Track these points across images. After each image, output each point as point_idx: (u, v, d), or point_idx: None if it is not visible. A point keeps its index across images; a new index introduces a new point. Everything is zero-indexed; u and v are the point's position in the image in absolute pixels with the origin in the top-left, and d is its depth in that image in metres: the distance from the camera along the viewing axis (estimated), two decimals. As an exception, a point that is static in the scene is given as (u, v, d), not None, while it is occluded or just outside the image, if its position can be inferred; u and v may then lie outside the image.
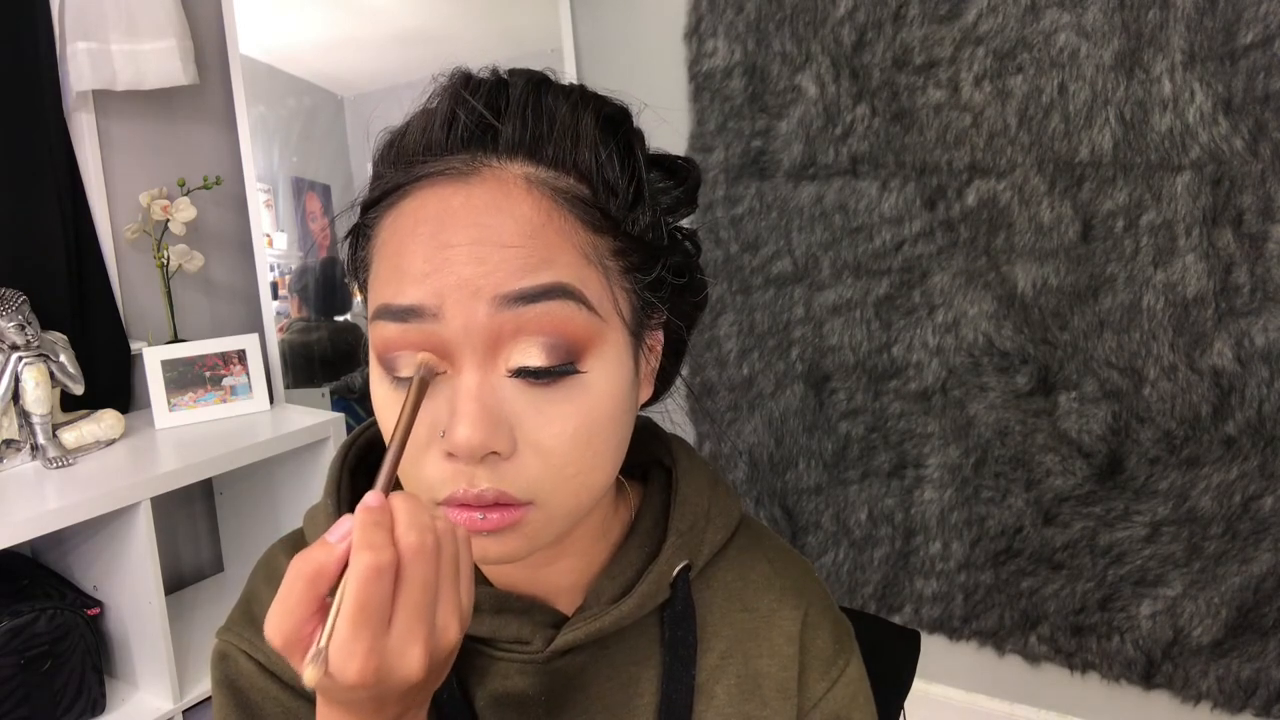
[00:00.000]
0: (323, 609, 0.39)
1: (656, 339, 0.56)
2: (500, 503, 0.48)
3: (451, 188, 0.49)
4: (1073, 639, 1.68)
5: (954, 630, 1.80)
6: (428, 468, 0.48)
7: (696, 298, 0.59)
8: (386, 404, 0.50)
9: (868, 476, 1.84)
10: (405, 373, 0.48)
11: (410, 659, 0.39)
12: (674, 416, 0.65)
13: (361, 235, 0.54)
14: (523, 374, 0.48)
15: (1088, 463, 1.62)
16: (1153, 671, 1.62)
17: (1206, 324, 1.49)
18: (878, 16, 1.66)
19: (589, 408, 0.49)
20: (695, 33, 1.87)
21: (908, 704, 0.92)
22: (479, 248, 0.47)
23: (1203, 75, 1.43)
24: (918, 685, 0.93)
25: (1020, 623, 1.73)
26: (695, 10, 1.86)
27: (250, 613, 0.59)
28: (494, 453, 0.47)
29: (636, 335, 0.53)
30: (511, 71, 0.53)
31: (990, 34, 1.57)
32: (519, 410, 0.48)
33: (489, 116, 0.50)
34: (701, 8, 1.85)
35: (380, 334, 0.49)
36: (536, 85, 0.52)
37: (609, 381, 0.50)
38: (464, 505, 0.48)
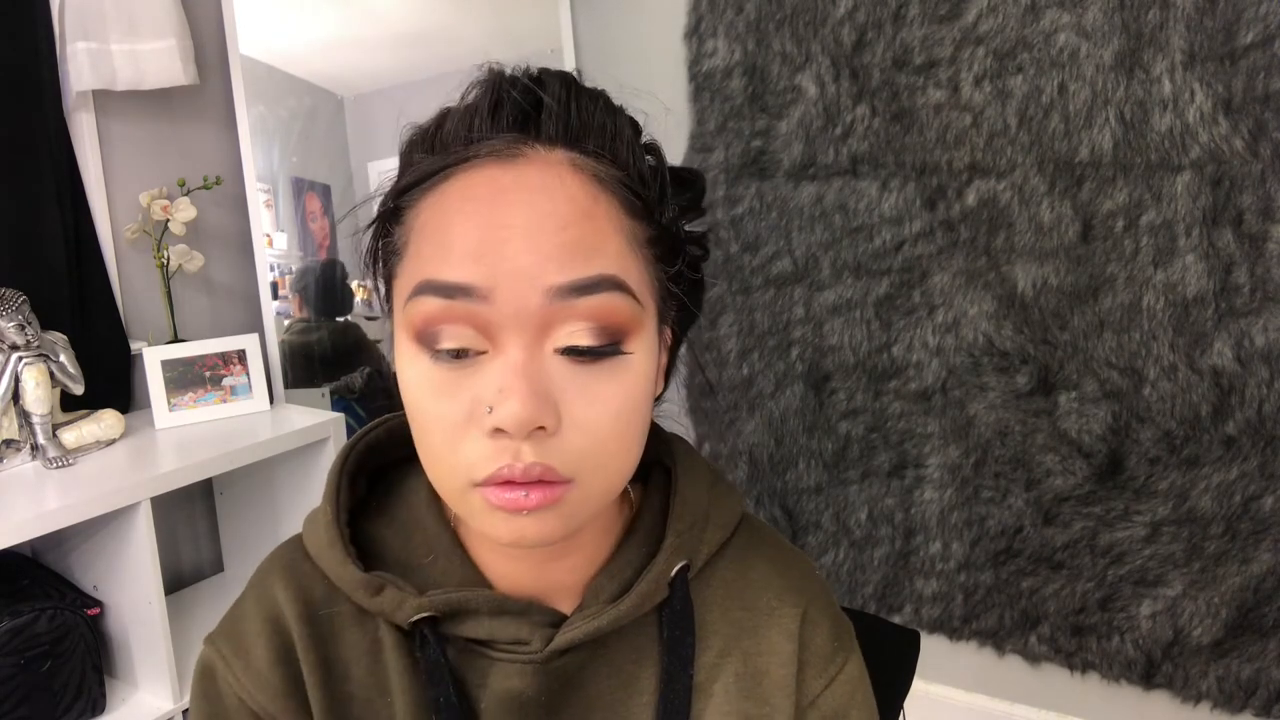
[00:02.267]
0: None
1: (667, 335, 0.57)
2: (544, 479, 0.48)
3: (500, 168, 0.49)
4: (1073, 639, 1.68)
5: (954, 630, 1.80)
6: (467, 448, 0.48)
7: (702, 296, 0.60)
8: (422, 381, 0.50)
9: (868, 476, 1.84)
10: (448, 344, 0.48)
11: None
12: (677, 416, 0.65)
13: (391, 221, 0.54)
14: (570, 353, 0.48)
15: (1088, 463, 1.62)
16: (1153, 671, 1.62)
17: (1206, 324, 1.49)
18: (878, 16, 1.66)
19: (630, 387, 0.50)
20: (695, 33, 1.87)
21: (908, 704, 0.93)
22: (532, 233, 0.47)
23: (1203, 75, 1.43)
24: (918, 685, 0.93)
25: (1020, 623, 1.73)
26: (695, 10, 1.86)
27: (238, 630, 0.59)
28: (540, 428, 0.47)
29: (660, 325, 0.55)
30: (543, 70, 0.54)
31: (990, 34, 1.57)
32: (564, 387, 0.48)
33: (539, 93, 0.51)
34: (701, 8, 1.85)
35: (421, 309, 0.49)
36: (571, 83, 0.53)
37: (647, 364, 0.51)
38: (508, 483, 0.48)
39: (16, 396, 1.34)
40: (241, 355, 1.59)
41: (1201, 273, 1.48)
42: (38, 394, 1.34)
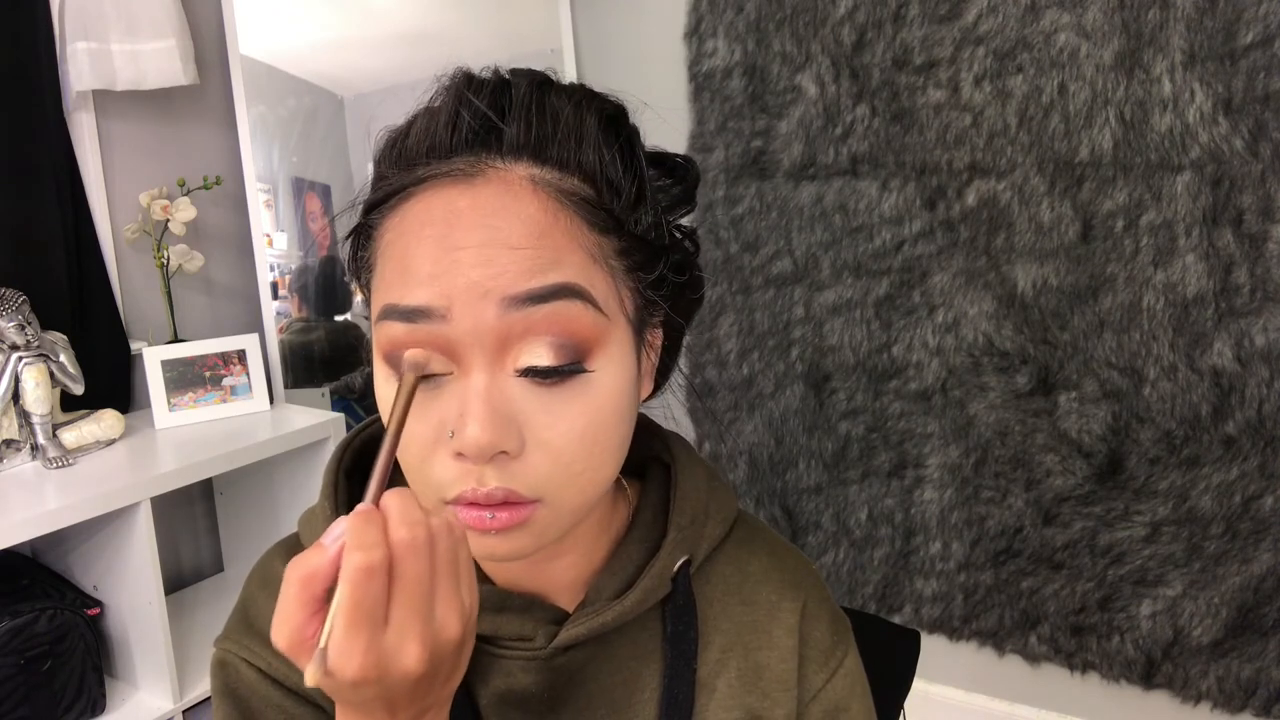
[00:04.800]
0: (322, 610, 0.40)
1: (657, 336, 0.57)
2: (509, 501, 0.48)
3: (457, 189, 0.49)
4: (1073, 639, 1.68)
5: (954, 630, 1.80)
6: (435, 468, 0.49)
7: (695, 295, 0.59)
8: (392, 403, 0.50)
9: (868, 476, 1.84)
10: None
11: (408, 655, 0.40)
12: (676, 416, 0.65)
13: (364, 235, 0.54)
14: (531, 374, 0.48)
15: (1088, 463, 1.62)
16: (1153, 671, 1.62)
17: (1206, 324, 1.49)
18: (878, 16, 1.66)
19: (596, 406, 0.49)
20: (695, 33, 1.87)
21: (908, 704, 0.93)
22: (487, 250, 0.47)
23: (1203, 75, 1.43)
24: (918, 685, 0.93)
25: (1020, 623, 1.73)
26: (695, 10, 1.86)
27: (247, 619, 0.59)
28: (503, 452, 0.47)
29: (639, 333, 0.54)
30: (513, 71, 0.53)
31: (990, 34, 1.57)
32: (527, 410, 0.48)
33: (494, 117, 0.50)
34: (701, 8, 1.85)
35: (387, 334, 0.49)
36: (539, 85, 0.52)
37: (615, 380, 0.50)
38: (473, 504, 0.48)
39: (16, 396, 1.34)
40: (241, 355, 1.59)
41: (1201, 273, 1.48)
42: (38, 394, 1.34)
